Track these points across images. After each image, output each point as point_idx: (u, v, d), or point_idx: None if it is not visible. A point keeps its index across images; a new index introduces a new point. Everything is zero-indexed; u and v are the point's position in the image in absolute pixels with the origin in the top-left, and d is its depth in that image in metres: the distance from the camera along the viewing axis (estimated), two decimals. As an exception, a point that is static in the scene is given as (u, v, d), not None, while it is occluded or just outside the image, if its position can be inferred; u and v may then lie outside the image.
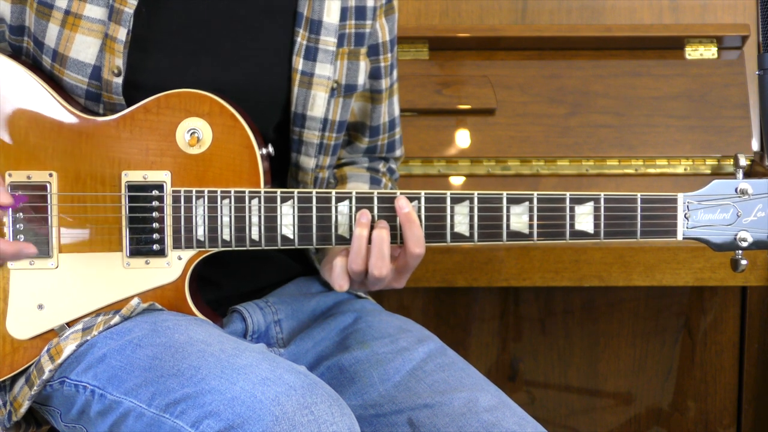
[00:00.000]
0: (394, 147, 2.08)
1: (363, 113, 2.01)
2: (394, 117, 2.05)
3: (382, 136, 2.04)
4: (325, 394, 1.54)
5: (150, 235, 1.73)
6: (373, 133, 2.03)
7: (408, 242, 1.70)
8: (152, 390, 1.59)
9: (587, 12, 2.70)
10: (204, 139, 1.72)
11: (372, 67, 1.97)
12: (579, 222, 1.71)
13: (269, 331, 1.87)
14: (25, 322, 1.74)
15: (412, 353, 1.80)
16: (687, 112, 2.54)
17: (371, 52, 1.96)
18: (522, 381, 2.90)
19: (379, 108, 2.01)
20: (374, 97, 2.01)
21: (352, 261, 1.70)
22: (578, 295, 2.84)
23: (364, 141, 2.03)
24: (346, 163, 2.06)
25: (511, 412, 1.73)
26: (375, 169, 2.06)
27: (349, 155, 2.05)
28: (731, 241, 1.70)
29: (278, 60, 1.86)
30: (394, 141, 2.07)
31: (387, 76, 2.01)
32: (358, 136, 2.03)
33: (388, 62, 2.00)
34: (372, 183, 2.01)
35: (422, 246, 1.71)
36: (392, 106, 2.05)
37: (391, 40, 2.00)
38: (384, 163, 2.08)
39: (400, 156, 2.11)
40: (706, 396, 2.90)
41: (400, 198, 1.70)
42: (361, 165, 2.06)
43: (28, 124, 1.73)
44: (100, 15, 1.74)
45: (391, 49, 2.00)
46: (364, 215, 1.70)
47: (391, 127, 2.05)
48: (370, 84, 1.99)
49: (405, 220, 1.70)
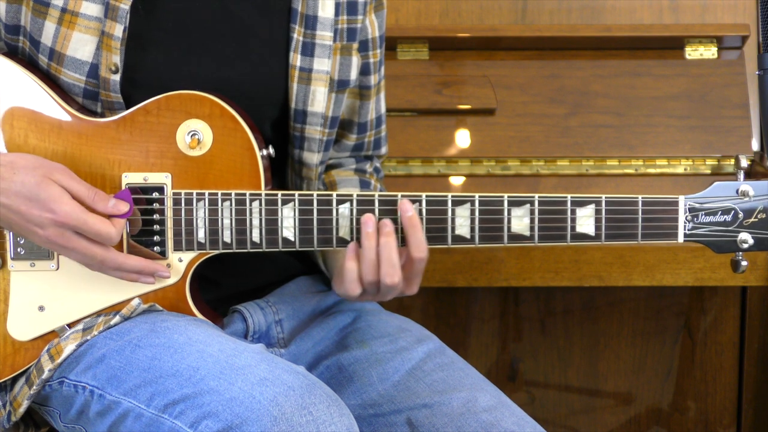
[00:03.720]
0: (380, 144, 2.08)
1: (351, 110, 2.01)
2: (381, 114, 2.05)
3: (369, 133, 2.04)
4: (324, 394, 1.54)
5: (151, 237, 1.73)
6: (361, 130, 2.03)
7: (410, 247, 1.70)
8: (151, 390, 1.59)
9: (587, 12, 2.70)
10: (204, 141, 1.72)
11: (362, 63, 1.97)
12: (580, 224, 1.70)
13: (270, 331, 1.87)
14: (26, 323, 1.74)
15: (412, 353, 1.80)
16: (687, 112, 2.54)
17: (361, 47, 1.96)
18: (522, 381, 2.90)
19: (367, 104, 2.01)
20: (363, 93, 2.01)
21: (367, 272, 1.70)
22: (578, 295, 2.84)
23: (351, 138, 2.03)
24: (333, 165, 2.05)
25: (509, 412, 1.73)
26: (362, 170, 2.05)
27: (336, 154, 2.04)
28: (732, 243, 1.70)
29: (275, 56, 1.86)
30: (380, 138, 2.07)
31: (376, 72, 2.01)
32: (345, 133, 2.03)
33: (377, 58, 2.00)
34: (362, 187, 2.01)
35: (424, 250, 1.70)
36: (380, 102, 2.05)
37: (381, 36, 2.00)
38: (370, 163, 2.08)
39: (385, 153, 2.11)
40: (706, 396, 2.90)
41: (404, 201, 1.70)
42: (348, 167, 2.05)
43: (28, 126, 1.73)
44: (97, 12, 1.74)
45: (380, 45, 2.00)
46: (370, 224, 1.70)
47: (378, 123, 2.05)
48: (359, 80, 1.99)
49: (408, 224, 1.70)
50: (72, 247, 1.65)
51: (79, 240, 1.66)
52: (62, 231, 1.64)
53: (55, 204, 1.64)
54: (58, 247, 1.67)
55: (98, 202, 1.67)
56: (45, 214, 1.63)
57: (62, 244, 1.65)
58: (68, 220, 1.64)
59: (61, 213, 1.63)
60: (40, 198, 1.63)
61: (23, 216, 1.64)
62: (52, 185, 1.64)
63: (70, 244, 1.65)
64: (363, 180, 2.02)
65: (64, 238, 1.65)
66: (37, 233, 1.65)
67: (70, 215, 1.64)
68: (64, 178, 1.66)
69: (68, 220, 1.64)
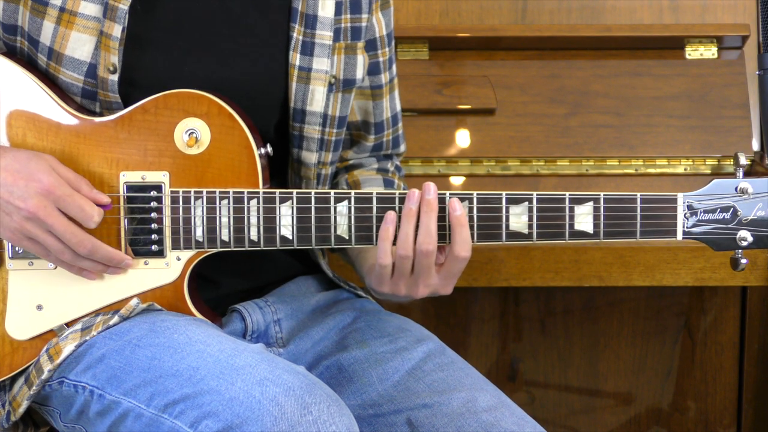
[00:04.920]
0: (399, 142, 2.08)
1: (365, 111, 2.01)
2: (396, 112, 2.05)
3: (387, 132, 2.04)
4: (324, 394, 1.54)
5: (149, 236, 1.73)
6: (378, 130, 2.03)
7: (455, 245, 1.70)
8: (151, 390, 1.59)
9: (587, 12, 2.70)
10: (202, 139, 1.72)
11: (370, 62, 1.97)
12: (578, 222, 1.70)
13: (269, 330, 1.87)
14: (24, 322, 1.74)
15: (411, 353, 1.80)
16: (687, 112, 2.54)
17: (369, 47, 1.96)
18: (522, 381, 2.90)
19: (381, 104, 2.01)
20: (375, 93, 2.00)
21: (402, 241, 1.69)
22: (578, 295, 2.84)
23: (369, 139, 2.03)
24: (354, 165, 2.05)
25: (510, 412, 1.73)
26: (385, 169, 2.05)
27: (356, 155, 2.05)
28: (731, 240, 1.70)
29: (275, 56, 1.86)
30: (398, 136, 2.07)
31: (386, 70, 2.00)
32: (363, 134, 2.03)
33: (387, 56, 2.00)
34: (386, 185, 2.01)
35: (469, 250, 1.70)
36: (394, 101, 2.04)
37: (388, 34, 2.00)
38: (391, 162, 2.08)
39: (404, 151, 2.11)
40: (706, 396, 2.90)
41: (453, 200, 1.70)
42: (371, 167, 2.05)
43: (26, 125, 1.73)
44: (95, 12, 1.74)
45: (389, 44, 2.00)
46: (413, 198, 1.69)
47: (394, 122, 2.05)
48: (369, 80, 1.99)
49: (456, 223, 1.70)
50: (51, 222, 1.64)
51: (59, 216, 1.65)
52: (45, 202, 1.64)
53: (43, 174, 1.64)
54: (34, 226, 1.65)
55: (83, 185, 1.68)
56: (32, 183, 1.64)
57: (42, 218, 1.64)
58: (54, 189, 1.64)
59: (47, 182, 1.64)
60: (29, 168, 1.64)
61: (7, 188, 1.64)
62: (42, 161, 1.66)
63: (49, 219, 1.64)
64: (386, 179, 2.02)
65: (46, 211, 1.64)
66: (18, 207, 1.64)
67: (56, 185, 1.64)
68: (53, 161, 1.68)
69: (54, 189, 1.64)
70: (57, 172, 1.67)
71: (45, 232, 1.66)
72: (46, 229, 1.65)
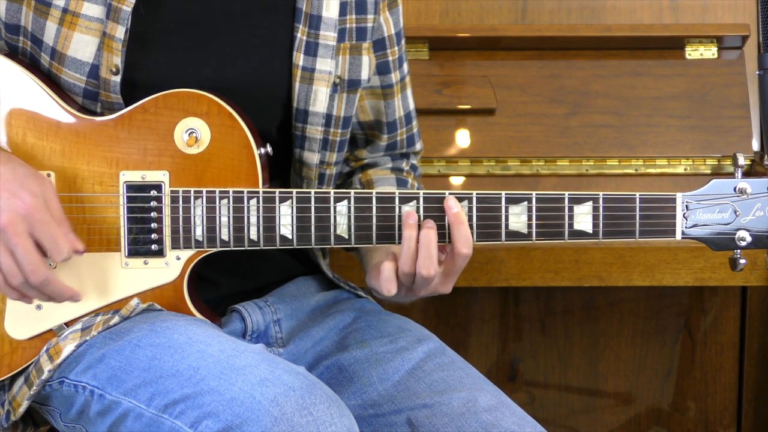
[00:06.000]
0: (414, 141, 2.08)
1: (376, 111, 2.01)
2: (409, 110, 2.05)
3: (401, 131, 2.03)
4: (324, 394, 1.54)
5: (148, 235, 1.73)
6: (391, 129, 2.02)
7: (456, 243, 1.70)
8: (151, 390, 1.59)
9: (587, 12, 2.70)
10: (202, 139, 1.72)
11: (380, 62, 1.97)
12: (578, 222, 1.70)
13: (268, 330, 1.87)
14: (24, 322, 1.74)
15: (412, 353, 1.80)
16: (687, 112, 2.54)
17: (377, 47, 1.96)
18: (522, 381, 2.90)
19: (392, 103, 2.01)
20: (386, 92, 2.00)
21: (404, 263, 1.70)
22: (578, 295, 2.84)
23: (383, 138, 2.03)
24: (369, 164, 2.05)
25: (510, 412, 1.73)
26: (399, 168, 2.05)
27: (370, 155, 2.05)
28: (730, 240, 1.70)
29: (278, 56, 1.86)
30: (413, 135, 2.07)
31: (396, 69, 2.00)
32: (376, 134, 2.02)
33: (396, 56, 1.99)
34: (399, 185, 2.01)
35: (470, 247, 1.70)
36: (406, 99, 2.04)
37: (397, 33, 1.99)
38: (406, 161, 2.07)
39: (420, 150, 2.10)
40: (706, 396, 2.90)
41: (449, 198, 1.70)
42: (385, 166, 2.05)
43: (26, 124, 1.73)
44: (98, 13, 1.74)
45: (398, 42, 1.99)
46: (411, 216, 1.70)
47: (407, 120, 2.04)
48: (380, 80, 1.98)
49: (454, 220, 1.70)
50: (15, 242, 1.61)
51: (26, 240, 1.62)
52: (19, 222, 1.61)
53: (29, 195, 1.62)
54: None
55: (65, 224, 1.66)
56: (14, 199, 1.61)
57: (9, 235, 1.61)
58: (35, 212, 1.62)
59: (30, 203, 1.62)
60: (21, 184, 1.63)
61: None
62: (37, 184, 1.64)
63: (15, 238, 1.61)
64: (400, 178, 2.02)
65: (16, 230, 1.61)
66: None
67: (38, 209, 1.62)
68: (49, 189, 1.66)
69: (35, 212, 1.62)
70: (44, 199, 1.64)
71: (5, 250, 1.62)
72: (9, 247, 1.62)
